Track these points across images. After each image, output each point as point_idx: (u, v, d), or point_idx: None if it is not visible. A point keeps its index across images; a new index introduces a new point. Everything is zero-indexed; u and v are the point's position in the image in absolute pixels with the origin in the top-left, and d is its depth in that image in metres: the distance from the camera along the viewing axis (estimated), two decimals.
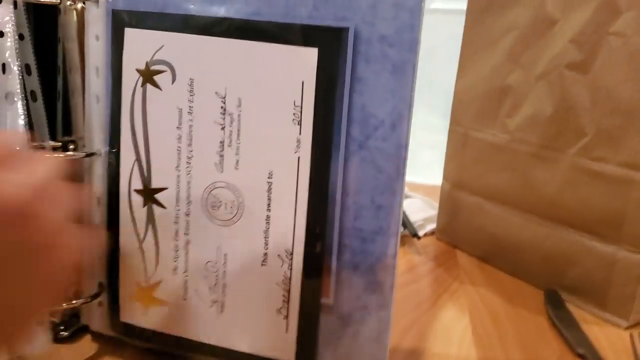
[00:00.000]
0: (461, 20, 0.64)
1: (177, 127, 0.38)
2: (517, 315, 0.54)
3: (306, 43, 0.36)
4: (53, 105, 0.45)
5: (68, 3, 0.41)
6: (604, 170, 0.52)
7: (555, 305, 0.54)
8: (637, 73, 0.50)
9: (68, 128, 0.45)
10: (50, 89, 0.45)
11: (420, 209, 0.75)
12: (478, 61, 0.62)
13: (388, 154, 0.36)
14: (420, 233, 0.69)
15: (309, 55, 0.36)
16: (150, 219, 0.40)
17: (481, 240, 0.64)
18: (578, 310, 0.55)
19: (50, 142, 0.43)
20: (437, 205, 0.72)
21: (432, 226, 0.72)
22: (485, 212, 0.63)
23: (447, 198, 0.68)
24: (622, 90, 0.50)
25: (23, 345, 0.36)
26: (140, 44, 0.38)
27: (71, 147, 0.43)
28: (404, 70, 0.35)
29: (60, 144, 0.43)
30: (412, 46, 0.35)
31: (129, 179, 0.40)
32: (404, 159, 0.36)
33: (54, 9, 0.43)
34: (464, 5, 0.63)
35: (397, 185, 0.37)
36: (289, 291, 0.38)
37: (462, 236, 0.67)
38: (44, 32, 0.44)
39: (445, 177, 0.69)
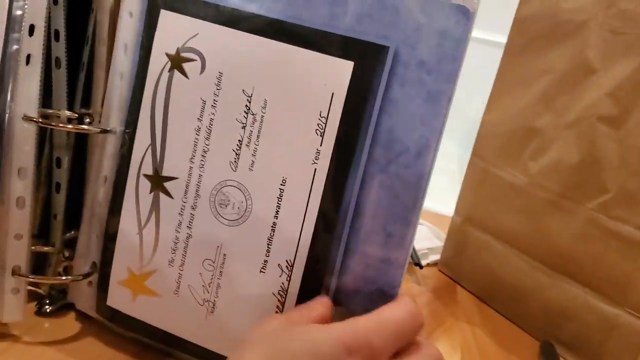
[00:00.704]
0: (492, 52, 0.63)
1: (198, 119, 0.37)
2: None
3: (343, 55, 0.35)
4: (76, 75, 0.44)
5: None
6: (620, 231, 0.51)
7: (549, 358, 0.53)
8: None
9: (87, 101, 0.44)
10: (76, 59, 0.44)
11: (426, 238, 0.74)
12: (509, 98, 0.61)
13: (408, 182, 0.35)
14: (423, 262, 0.68)
15: (344, 68, 0.35)
16: (155, 206, 0.39)
17: (484, 279, 0.63)
18: None
19: (66, 112, 0.43)
20: (443, 235, 0.71)
21: (435, 257, 0.71)
22: (492, 252, 0.62)
23: (456, 231, 0.67)
24: None
25: None
26: (174, 29, 0.37)
27: (87, 120, 0.43)
28: (438, 99, 0.34)
29: (76, 115, 0.43)
30: (451, 77, 0.34)
31: (140, 162, 0.39)
32: (424, 190, 0.35)
33: None
34: (497, 37, 0.62)
35: (413, 216, 0.35)
36: (283, 303, 0.37)
37: (465, 272, 0.66)
38: (80, 1, 0.43)
39: (457, 210, 0.67)
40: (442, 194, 0.73)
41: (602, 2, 0.53)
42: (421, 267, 0.67)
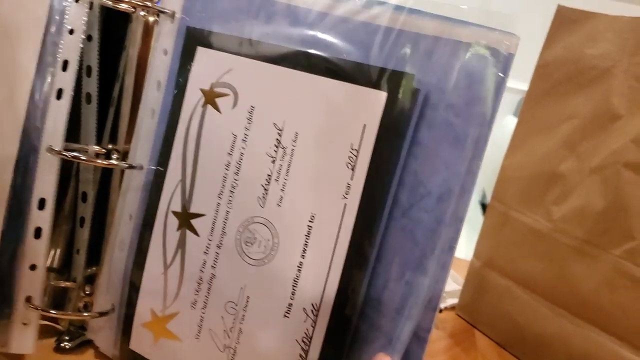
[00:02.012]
0: (511, 97, 0.62)
1: (229, 154, 0.37)
2: None
3: (376, 85, 0.34)
4: (106, 111, 0.44)
5: (142, 13, 0.41)
6: None
7: None
8: None
9: (116, 136, 0.44)
10: (107, 95, 0.44)
11: None
12: (531, 142, 0.60)
13: (427, 227, 0.34)
14: (441, 306, 0.66)
15: (377, 98, 0.34)
16: (181, 245, 0.38)
17: (504, 325, 0.61)
18: None
19: (94, 147, 0.42)
20: (461, 279, 0.69)
21: (453, 301, 0.69)
22: (513, 298, 0.60)
23: (475, 275, 0.65)
24: None
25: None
26: (209, 64, 0.37)
27: (115, 156, 0.42)
28: (464, 143, 0.33)
29: (104, 151, 0.42)
30: (480, 120, 0.33)
31: (170, 198, 0.38)
32: (444, 238, 0.33)
33: (126, 16, 0.42)
34: (517, 84, 0.62)
35: (430, 264, 0.34)
36: (307, 352, 0.35)
37: (484, 317, 0.64)
38: (113, 37, 0.43)
39: (476, 253, 0.66)
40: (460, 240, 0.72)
41: (626, 50, 0.53)
42: (440, 310, 0.65)
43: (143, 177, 0.40)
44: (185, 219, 0.38)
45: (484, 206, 1.67)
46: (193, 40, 0.38)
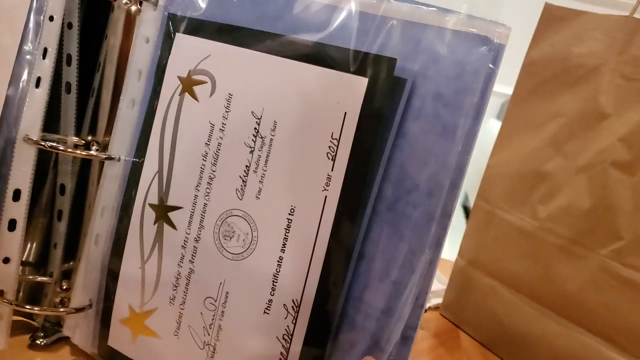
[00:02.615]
0: (494, 100, 0.61)
1: (206, 144, 0.35)
2: None
3: (357, 71, 0.32)
4: (86, 101, 0.43)
5: (124, 1, 0.39)
6: (635, 279, 0.48)
7: None
8: None
9: (96, 127, 0.42)
10: (88, 85, 0.43)
11: None
12: (517, 141, 0.59)
13: (416, 223, 0.32)
14: (425, 306, 0.65)
15: (358, 85, 0.32)
16: (159, 238, 0.36)
17: (489, 325, 0.60)
18: None
19: (73, 138, 0.41)
20: (445, 279, 0.68)
21: (437, 300, 0.68)
22: (498, 297, 0.59)
23: (460, 274, 0.64)
24: None
25: None
26: (187, 51, 0.36)
27: (94, 147, 0.41)
28: (453, 134, 0.31)
29: (83, 142, 0.41)
30: (470, 111, 0.31)
31: (147, 191, 0.37)
32: (432, 234, 0.32)
33: (108, 4, 0.41)
34: (500, 88, 0.61)
35: (418, 262, 0.32)
36: (288, 350, 0.34)
37: (468, 317, 0.63)
38: (94, 26, 0.42)
39: (461, 253, 0.65)
40: None
41: (614, 49, 0.52)
42: (424, 310, 0.64)
43: (122, 168, 0.38)
44: (163, 212, 0.36)
45: (466, 209, 1.67)
46: (173, 26, 0.36)
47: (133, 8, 0.39)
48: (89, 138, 0.42)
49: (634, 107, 0.50)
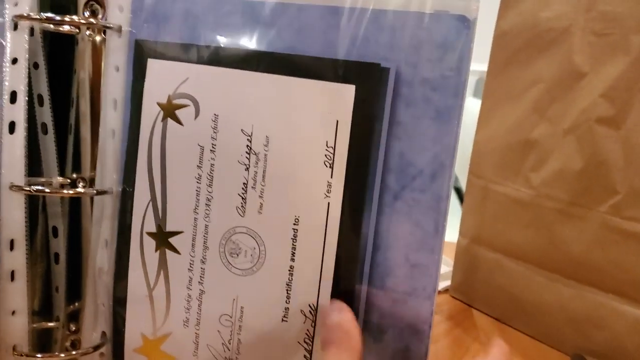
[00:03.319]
0: (469, 79, 0.61)
1: (198, 166, 0.34)
2: None
3: (343, 79, 0.32)
4: (66, 140, 0.41)
5: (87, 33, 0.38)
6: (637, 230, 0.48)
7: None
8: None
9: (79, 164, 0.41)
10: (65, 123, 0.41)
11: None
12: (500, 113, 0.59)
13: (426, 206, 0.32)
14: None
15: (346, 92, 0.32)
16: (163, 265, 0.35)
17: (500, 300, 0.59)
18: None
19: (58, 178, 0.39)
20: (450, 261, 0.67)
21: (445, 283, 0.67)
22: (505, 271, 0.58)
23: (464, 254, 0.64)
24: None
25: None
26: (163, 76, 0.35)
27: (81, 184, 0.39)
28: (447, 116, 0.31)
29: (69, 180, 0.40)
30: (458, 91, 0.31)
31: (142, 220, 0.35)
32: (445, 213, 0.32)
33: (73, 38, 0.39)
34: (473, 65, 0.60)
35: (436, 242, 0.32)
36: (310, 352, 0.33)
37: (479, 295, 0.62)
38: (61, 62, 0.40)
39: (462, 232, 0.64)
40: None
41: (580, 7, 0.52)
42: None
43: (112, 201, 0.37)
44: (163, 238, 0.35)
45: (457, 190, 1.67)
46: (142, 53, 0.35)
47: (98, 38, 0.38)
48: (74, 176, 0.40)
49: (609, 61, 0.50)
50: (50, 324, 0.41)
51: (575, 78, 0.52)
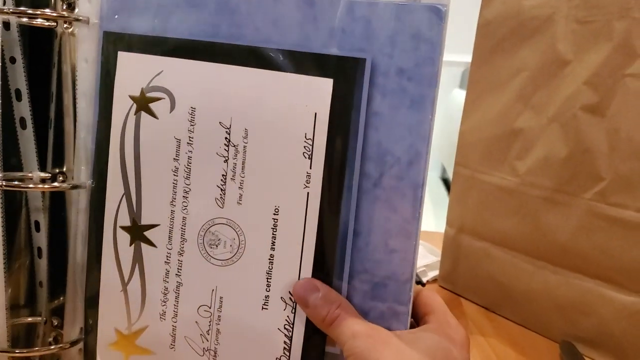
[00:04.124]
0: (455, 70, 0.60)
1: (174, 159, 0.33)
2: None
3: (321, 73, 0.31)
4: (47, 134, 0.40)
5: (65, 26, 0.37)
6: (623, 216, 0.47)
7: (572, 358, 0.48)
8: None
9: (60, 158, 0.40)
10: (45, 117, 0.40)
11: (421, 255, 0.69)
12: (485, 103, 0.58)
13: (403, 193, 0.32)
14: (423, 279, 0.64)
15: (324, 86, 0.31)
16: (138, 258, 0.34)
17: (488, 288, 0.58)
18: None
19: (39, 173, 0.38)
20: (438, 251, 0.66)
21: (434, 273, 0.66)
22: (493, 259, 0.58)
23: (452, 243, 0.63)
24: None
25: None
26: (136, 69, 0.33)
27: (60, 178, 0.38)
28: (422, 105, 0.31)
29: (49, 175, 0.38)
30: (432, 81, 0.31)
31: (115, 214, 0.34)
32: (421, 199, 0.32)
33: (51, 33, 0.38)
34: (458, 57, 0.59)
35: (412, 228, 0.32)
36: (291, 338, 0.33)
37: (467, 284, 0.61)
38: (40, 56, 0.39)
39: (449, 222, 0.63)
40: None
41: None
42: (424, 284, 0.62)
43: (87, 196, 0.36)
44: (138, 232, 0.34)
45: (445, 181, 1.67)
46: (112, 45, 0.34)
47: (75, 30, 0.37)
48: (56, 170, 0.39)
49: (592, 48, 0.49)
50: (31, 319, 0.40)
51: (559, 66, 0.51)
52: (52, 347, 0.37)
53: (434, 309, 0.34)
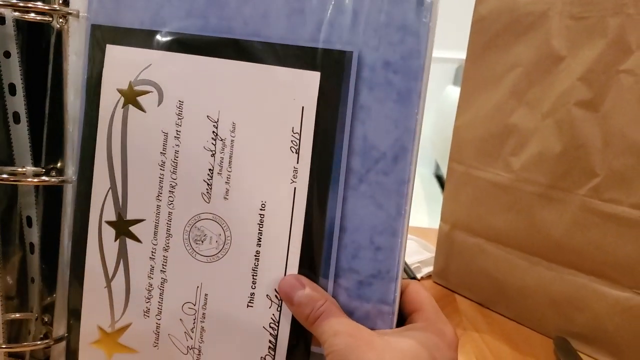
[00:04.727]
0: (449, 67, 0.59)
1: (161, 153, 0.32)
2: None
3: (308, 66, 0.30)
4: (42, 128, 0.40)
5: (60, 20, 0.36)
6: (616, 212, 0.46)
7: (566, 354, 0.47)
8: None
9: (55, 154, 0.39)
10: (41, 111, 0.40)
11: (415, 251, 0.68)
12: (479, 99, 0.56)
13: (389, 189, 0.31)
14: (417, 275, 0.63)
15: (311, 79, 0.30)
16: (122, 254, 0.33)
17: (482, 284, 0.57)
18: None
19: (32, 167, 0.38)
20: (432, 247, 0.65)
21: (428, 269, 0.65)
22: (487, 255, 0.56)
23: (446, 239, 0.61)
24: (633, 130, 0.45)
25: None
26: (124, 62, 0.33)
27: (53, 173, 0.37)
28: (409, 99, 0.30)
29: (43, 170, 0.38)
30: (418, 74, 0.30)
31: (101, 208, 0.33)
32: (406, 196, 0.31)
33: (49, 29, 0.37)
34: (452, 54, 0.58)
35: (398, 225, 0.31)
36: (276, 337, 0.32)
37: (461, 280, 0.60)
38: (37, 51, 0.38)
39: (443, 218, 0.62)
40: (411, 212, 0.68)
41: None
42: (418, 280, 0.61)
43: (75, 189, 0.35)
44: (123, 227, 0.33)
45: (439, 178, 1.65)
46: (100, 38, 0.33)
47: (62, 22, 0.36)
48: (50, 166, 0.39)
49: (586, 44, 0.48)
50: (20, 315, 0.39)
51: (554, 62, 0.50)
52: (38, 342, 0.36)
53: (422, 306, 0.32)
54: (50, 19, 0.36)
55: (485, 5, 0.55)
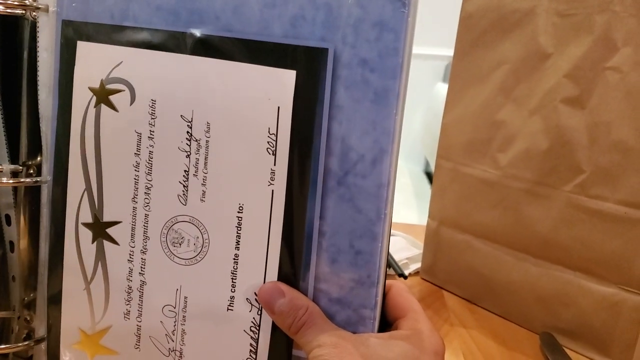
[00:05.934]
0: (438, 64, 0.56)
1: (135, 154, 0.30)
2: (513, 359, 0.46)
3: (283, 64, 0.28)
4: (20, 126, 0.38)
5: (33, 14, 0.34)
6: (602, 209, 0.44)
7: (552, 350, 0.46)
8: (634, 110, 0.43)
9: (34, 150, 0.37)
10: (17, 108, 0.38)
11: (403, 248, 0.66)
12: (467, 95, 0.55)
13: (368, 193, 0.28)
14: (405, 272, 0.61)
15: (286, 78, 0.28)
16: (100, 256, 0.32)
17: (470, 280, 0.56)
18: (576, 356, 0.46)
19: (9, 165, 0.36)
20: (420, 244, 0.63)
21: (416, 266, 0.63)
22: (474, 251, 0.55)
23: (433, 236, 0.60)
24: (619, 127, 0.43)
25: None
26: (95, 60, 0.31)
27: (30, 172, 0.36)
28: (386, 99, 0.28)
29: (21, 168, 0.36)
30: (396, 72, 0.27)
31: (77, 211, 0.32)
32: (386, 200, 0.28)
33: (22, 22, 0.35)
34: (441, 51, 0.56)
35: (378, 229, 0.29)
36: (257, 340, 0.30)
37: (449, 276, 0.58)
38: (11, 46, 0.36)
39: (431, 214, 0.60)
40: (401, 209, 0.66)
41: None
42: (405, 277, 0.59)
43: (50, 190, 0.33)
44: (100, 229, 0.31)
45: (429, 175, 1.63)
46: (70, 34, 0.31)
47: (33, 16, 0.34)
48: (30, 163, 0.37)
49: (573, 42, 0.46)
50: (5, 314, 0.38)
51: (540, 59, 0.48)
52: (19, 345, 0.35)
53: (407, 313, 0.30)
54: (23, 12, 0.34)
55: (472, 2, 0.53)
